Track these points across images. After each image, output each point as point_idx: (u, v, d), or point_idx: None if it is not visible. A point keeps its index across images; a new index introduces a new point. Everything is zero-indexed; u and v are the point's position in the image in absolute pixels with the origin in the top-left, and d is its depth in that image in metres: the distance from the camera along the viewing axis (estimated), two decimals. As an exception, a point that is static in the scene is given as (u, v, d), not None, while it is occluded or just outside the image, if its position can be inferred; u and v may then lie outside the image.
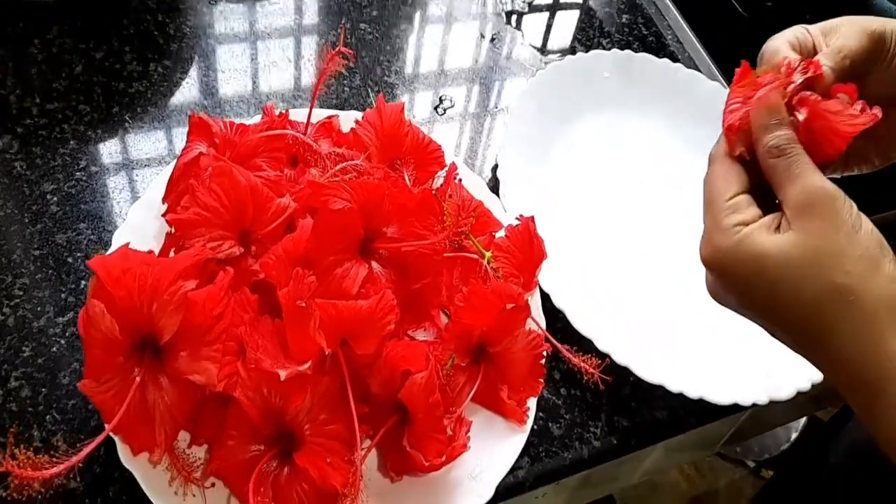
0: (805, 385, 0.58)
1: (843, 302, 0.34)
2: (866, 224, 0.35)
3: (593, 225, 0.68)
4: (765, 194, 0.38)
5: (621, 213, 0.69)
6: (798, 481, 0.93)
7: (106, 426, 0.43)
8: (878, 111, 0.37)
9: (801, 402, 0.62)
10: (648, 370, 0.56)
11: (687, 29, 0.86)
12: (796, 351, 0.38)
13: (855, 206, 0.36)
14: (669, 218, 0.70)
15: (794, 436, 1.44)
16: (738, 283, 0.37)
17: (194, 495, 0.46)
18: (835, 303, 0.34)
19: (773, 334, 0.39)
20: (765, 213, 0.37)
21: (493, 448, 0.52)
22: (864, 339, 0.34)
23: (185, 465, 0.45)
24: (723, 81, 0.81)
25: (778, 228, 0.36)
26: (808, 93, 0.38)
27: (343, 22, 0.77)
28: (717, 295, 0.40)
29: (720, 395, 0.56)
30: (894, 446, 0.34)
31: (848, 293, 0.34)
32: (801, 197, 0.35)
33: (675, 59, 0.80)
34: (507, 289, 0.52)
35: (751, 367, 0.60)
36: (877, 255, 0.34)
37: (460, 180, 0.60)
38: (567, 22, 0.86)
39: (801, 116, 0.37)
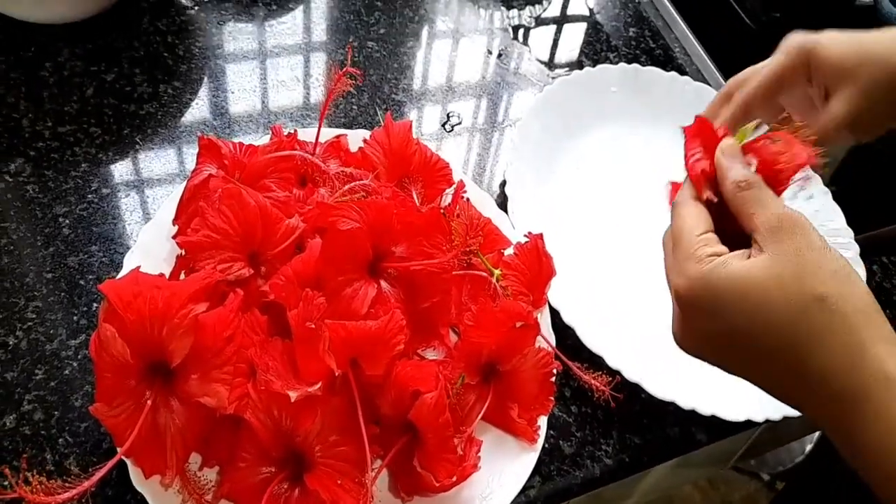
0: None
1: (827, 310, 0.35)
2: (831, 246, 0.37)
3: (602, 240, 0.68)
4: (726, 240, 0.40)
5: (630, 228, 0.69)
6: (810, 491, 0.92)
7: (118, 449, 0.43)
8: (812, 153, 0.41)
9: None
10: (660, 387, 0.56)
11: (694, 41, 0.86)
12: (766, 386, 0.39)
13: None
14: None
15: (808, 448, 1.43)
16: (713, 311, 0.37)
17: (205, 518, 0.46)
18: (820, 311, 0.35)
19: (739, 372, 0.39)
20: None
21: (504, 467, 0.52)
22: (850, 345, 0.35)
23: (197, 488, 0.45)
24: (731, 94, 0.80)
25: (749, 257, 0.37)
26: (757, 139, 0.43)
27: (350, 40, 0.78)
28: (680, 336, 0.41)
29: (733, 412, 0.56)
30: (882, 455, 0.34)
31: (830, 301, 0.35)
32: (772, 221, 0.37)
33: (682, 72, 0.80)
34: (517, 307, 0.52)
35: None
36: (849, 271, 0.36)
37: (468, 199, 0.60)
38: (574, 36, 0.86)
39: (752, 162, 0.41)
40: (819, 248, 0.37)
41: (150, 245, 0.54)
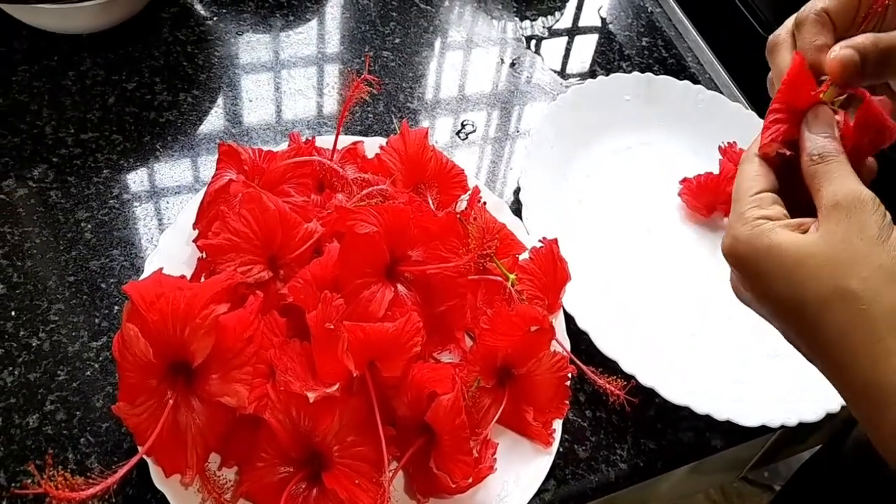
0: (834, 407, 0.58)
1: (852, 309, 0.33)
2: (895, 236, 0.34)
3: (616, 246, 0.68)
4: (795, 205, 0.38)
5: (644, 234, 0.69)
6: (808, 487, 0.91)
7: (139, 448, 0.44)
8: None
9: (831, 424, 0.61)
10: (675, 392, 0.56)
11: (707, 51, 0.86)
12: (806, 355, 0.38)
13: (888, 216, 0.35)
14: (692, 239, 0.70)
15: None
16: (753, 274, 0.37)
17: (225, 517, 0.46)
18: (845, 308, 0.33)
19: (786, 336, 0.38)
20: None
21: (520, 470, 0.52)
22: (872, 352, 0.33)
23: (216, 487, 0.46)
24: (744, 102, 0.81)
25: (804, 231, 0.36)
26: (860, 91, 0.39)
27: (366, 50, 0.79)
28: (735, 289, 0.40)
29: (748, 417, 0.56)
30: None
31: (859, 301, 0.33)
32: (831, 199, 0.35)
33: (695, 81, 0.80)
34: (532, 311, 0.52)
35: (779, 389, 0.59)
36: None
37: (484, 203, 0.60)
38: (587, 46, 0.87)
39: (838, 124, 0.38)
40: (872, 237, 0.34)
41: (170, 249, 0.55)
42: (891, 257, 0.34)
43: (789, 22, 0.42)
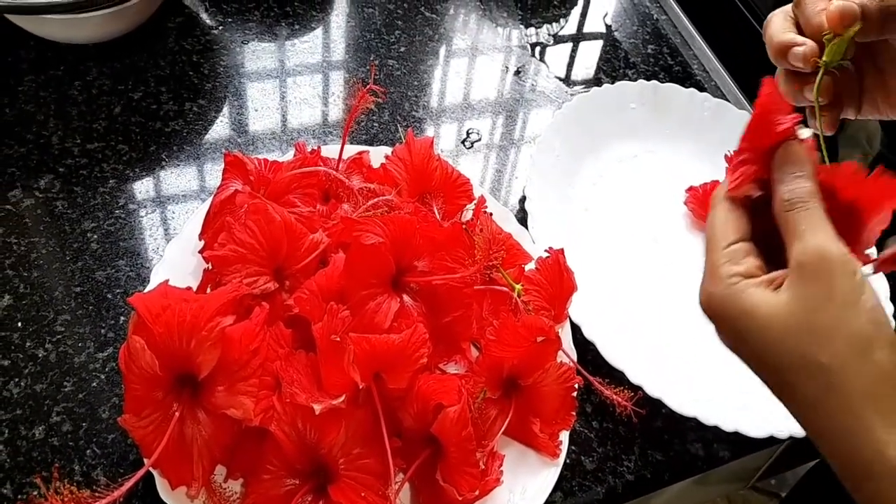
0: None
1: (824, 383, 0.32)
2: (867, 297, 0.32)
3: (623, 256, 0.68)
4: (773, 245, 0.36)
5: (650, 244, 0.69)
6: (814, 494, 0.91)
7: (145, 461, 0.44)
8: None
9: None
10: (682, 402, 0.56)
11: (713, 58, 0.86)
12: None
13: (859, 274, 0.33)
14: (699, 247, 0.69)
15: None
16: (729, 330, 0.36)
17: (230, 529, 0.46)
18: (816, 382, 0.32)
19: (774, 393, 0.37)
20: (768, 261, 0.36)
21: (526, 482, 0.52)
22: (848, 426, 0.32)
23: (222, 499, 0.46)
24: (750, 110, 0.81)
25: (779, 287, 0.34)
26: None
27: (371, 59, 0.79)
28: (718, 337, 0.39)
29: (756, 428, 0.56)
30: None
31: (830, 374, 0.32)
32: (801, 257, 0.33)
33: (701, 89, 0.80)
34: (538, 322, 0.52)
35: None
36: (869, 337, 0.32)
37: (490, 213, 0.60)
38: (592, 54, 0.87)
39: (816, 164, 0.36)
40: (843, 302, 0.32)
41: (176, 259, 0.55)
42: (860, 323, 0.32)
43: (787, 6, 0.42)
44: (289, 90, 0.75)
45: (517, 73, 0.82)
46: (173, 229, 0.62)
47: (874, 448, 0.31)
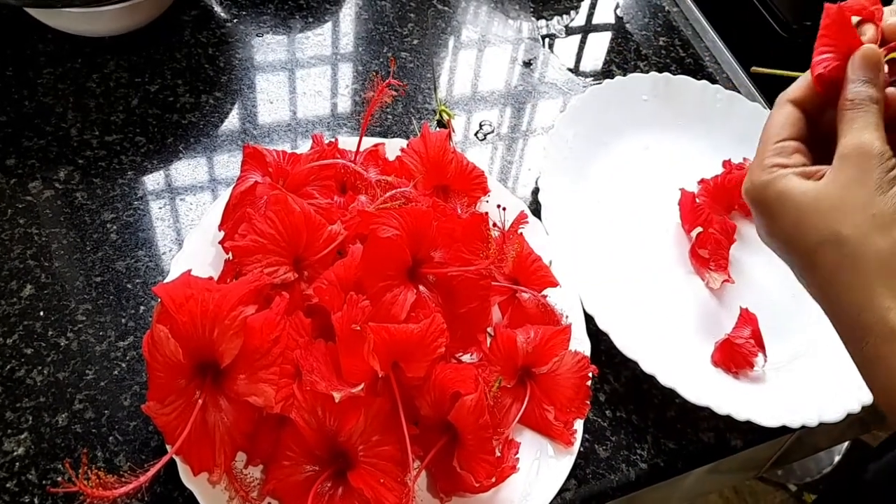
0: (855, 407, 0.58)
1: (841, 253, 0.35)
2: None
3: (636, 247, 0.68)
4: (826, 155, 0.38)
5: (664, 235, 0.70)
6: (841, 502, 0.92)
7: (168, 447, 0.45)
8: None
9: (848, 424, 0.61)
10: (695, 392, 0.56)
11: (725, 50, 0.86)
12: (809, 292, 0.39)
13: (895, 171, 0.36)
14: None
15: (836, 459, 1.42)
16: (765, 214, 0.39)
17: (251, 515, 0.47)
18: (835, 252, 0.35)
19: (794, 273, 0.40)
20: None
21: (541, 470, 0.52)
22: (858, 294, 0.35)
23: (243, 485, 0.47)
24: (763, 102, 0.81)
25: (818, 179, 0.37)
26: None
27: (384, 51, 0.79)
28: (756, 229, 0.41)
29: (768, 418, 0.56)
30: (884, 397, 0.35)
31: (848, 246, 0.35)
32: (844, 150, 0.36)
33: (713, 81, 0.80)
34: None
35: (799, 389, 0.60)
36: (891, 219, 0.35)
37: (522, 232, 0.61)
38: (602, 46, 0.87)
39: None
40: (872, 186, 0.35)
41: (195, 250, 0.56)
42: (887, 206, 0.35)
43: None
44: (302, 82, 0.75)
45: (529, 64, 0.82)
46: (191, 220, 0.63)
47: (878, 314, 0.34)
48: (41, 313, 0.56)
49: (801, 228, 0.37)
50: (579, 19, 0.89)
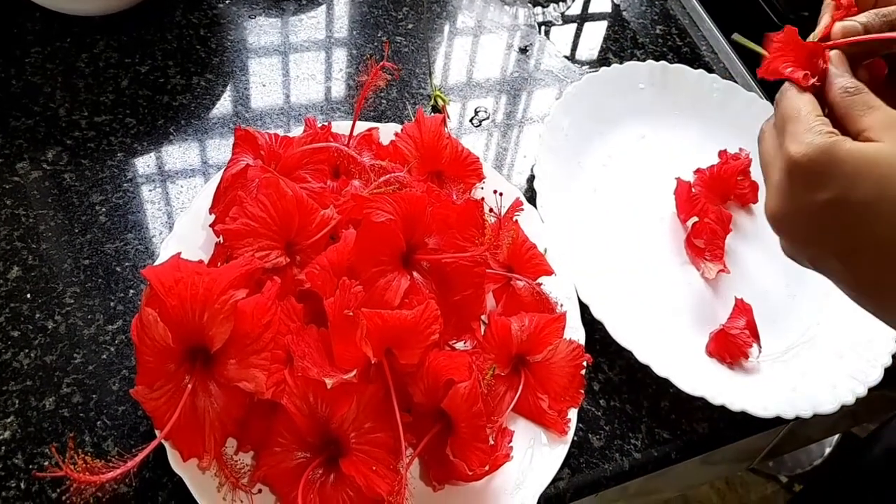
0: (849, 398, 0.58)
1: None
2: None
3: (632, 236, 0.68)
4: None
5: (659, 224, 0.69)
6: (830, 493, 0.92)
7: (157, 432, 0.44)
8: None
9: (841, 416, 0.61)
10: (689, 382, 0.56)
11: (722, 39, 0.86)
12: (854, 264, 0.38)
13: None
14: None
15: (827, 451, 1.42)
16: (831, 177, 0.37)
17: (241, 501, 0.46)
18: None
19: (832, 247, 0.39)
20: None
21: (535, 459, 0.52)
22: None
23: (233, 471, 0.46)
24: (759, 92, 0.81)
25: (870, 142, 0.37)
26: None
27: (379, 35, 0.78)
28: (781, 208, 0.40)
29: (763, 409, 0.56)
30: None
31: None
32: (886, 119, 0.38)
33: (710, 70, 0.80)
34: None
35: (794, 380, 0.59)
36: None
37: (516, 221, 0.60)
38: (598, 33, 0.86)
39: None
40: None
41: (185, 233, 0.55)
42: None
43: None
44: (295, 66, 0.74)
45: (524, 51, 0.81)
46: (182, 203, 0.62)
47: None
48: (28, 296, 0.55)
49: (887, 182, 0.36)
50: (576, 6, 0.88)
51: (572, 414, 0.54)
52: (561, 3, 0.88)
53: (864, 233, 0.37)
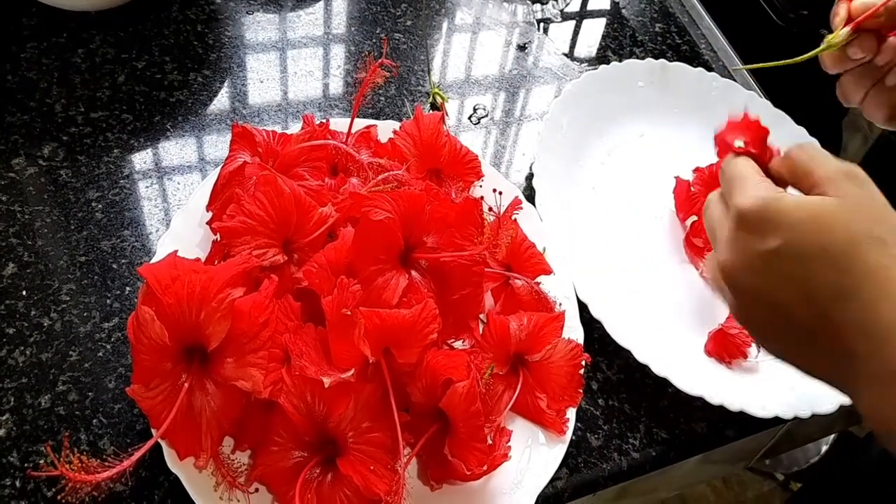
0: (847, 399, 0.58)
1: (885, 253, 0.36)
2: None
3: (630, 234, 0.68)
4: None
5: (658, 222, 0.69)
6: (827, 491, 0.92)
7: (153, 431, 0.44)
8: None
9: (839, 416, 0.61)
10: (688, 382, 0.56)
11: (721, 38, 0.86)
12: (798, 315, 0.38)
13: None
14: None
15: (824, 449, 1.43)
16: (775, 225, 0.38)
17: (238, 500, 0.46)
18: (878, 252, 0.36)
19: (776, 294, 0.38)
20: None
21: (533, 458, 0.52)
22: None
23: (230, 471, 0.46)
24: (758, 91, 0.80)
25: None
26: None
27: (377, 32, 0.78)
28: (728, 257, 0.40)
29: (761, 408, 0.56)
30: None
31: (889, 247, 0.36)
32: (838, 171, 0.39)
33: (709, 69, 0.80)
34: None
35: (793, 380, 0.59)
36: None
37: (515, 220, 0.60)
38: (599, 31, 0.86)
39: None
40: (883, 203, 0.38)
41: (182, 230, 0.55)
42: None
43: None
44: (293, 62, 0.74)
45: (523, 48, 0.81)
46: (179, 200, 0.62)
47: None
48: (24, 293, 0.55)
49: (829, 231, 0.37)
50: (575, 4, 0.87)
51: (571, 413, 0.54)
52: (560, 1, 0.87)
53: (804, 281, 0.37)
